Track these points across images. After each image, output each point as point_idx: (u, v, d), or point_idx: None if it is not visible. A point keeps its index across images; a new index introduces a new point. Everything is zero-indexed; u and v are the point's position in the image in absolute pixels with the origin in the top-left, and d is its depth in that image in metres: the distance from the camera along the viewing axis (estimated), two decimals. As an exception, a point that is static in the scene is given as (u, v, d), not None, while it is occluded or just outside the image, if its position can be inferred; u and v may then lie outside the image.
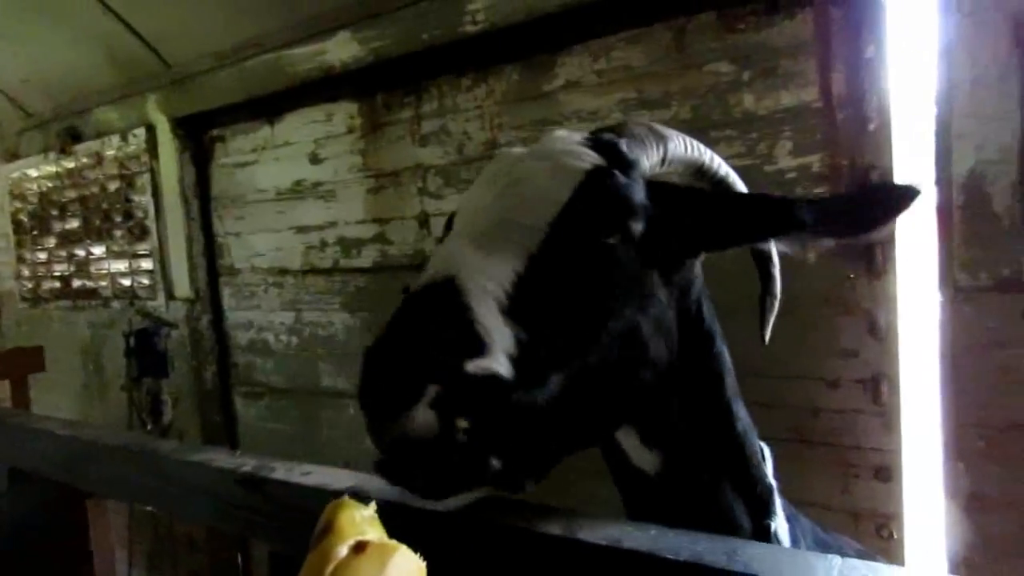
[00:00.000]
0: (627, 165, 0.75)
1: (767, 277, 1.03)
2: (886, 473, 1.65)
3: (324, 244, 2.77)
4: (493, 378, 0.58)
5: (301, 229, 2.85)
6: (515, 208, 0.70)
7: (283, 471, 0.76)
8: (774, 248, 1.01)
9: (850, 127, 1.63)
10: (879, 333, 1.63)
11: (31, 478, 1.21)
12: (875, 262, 1.62)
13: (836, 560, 0.54)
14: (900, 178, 0.77)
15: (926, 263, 1.53)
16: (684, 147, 0.85)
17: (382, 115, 2.55)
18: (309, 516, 0.74)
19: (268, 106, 2.83)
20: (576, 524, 0.64)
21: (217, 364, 3.21)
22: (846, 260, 1.65)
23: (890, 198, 0.75)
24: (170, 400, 3.32)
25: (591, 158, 0.74)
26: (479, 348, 0.59)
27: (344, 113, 2.65)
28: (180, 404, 3.30)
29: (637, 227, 0.73)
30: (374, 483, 0.70)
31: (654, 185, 0.79)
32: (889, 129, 1.58)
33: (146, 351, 3.27)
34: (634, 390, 0.76)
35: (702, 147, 0.89)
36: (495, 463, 0.61)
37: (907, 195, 0.75)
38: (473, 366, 0.57)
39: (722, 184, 0.91)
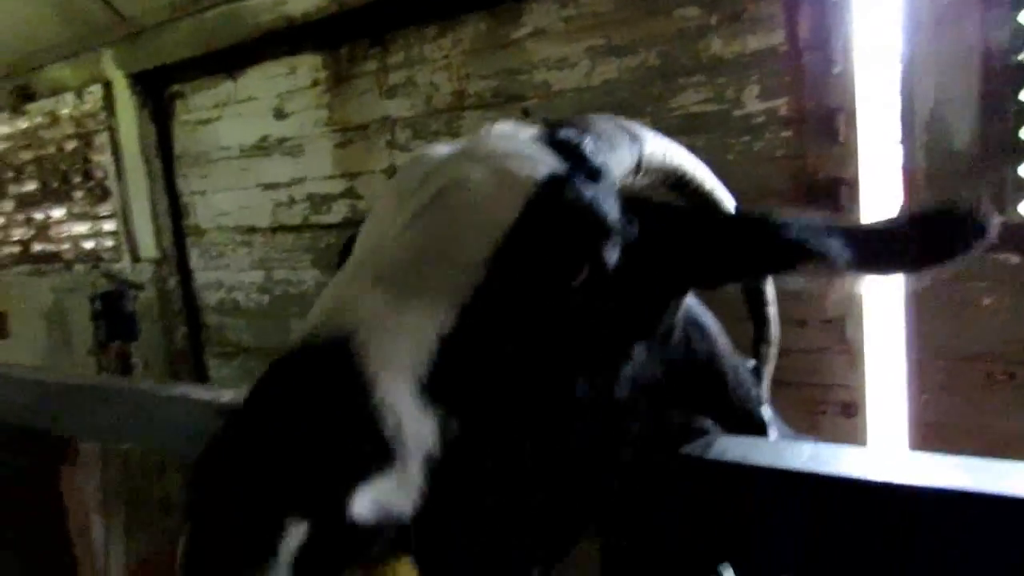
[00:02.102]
0: (594, 172, 0.55)
1: (761, 321, 0.82)
2: (852, 408, 1.70)
3: (292, 201, 2.74)
4: (391, 521, 0.39)
5: (268, 186, 2.80)
6: (441, 235, 0.49)
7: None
8: (771, 286, 0.83)
9: (816, 70, 1.64)
10: (844, 273, 1.67)
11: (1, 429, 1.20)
12: (840, 202, 1.65)
13: (807, 446, 0.56)
14: (966, 207, 0.56)
15: (889, 201, 1.57)
16: (663, 151, 0.65)
17: (347, 68, 2.50)
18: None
19: (229, 60, 2.76)
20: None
21: (187, 325, 3.17)
22: (811, 202, 1.67)
23: (951, 234, 0.56)
24: (140, 363, 3.28)
25: (546, 162, 0.54)
26: (379, 457, 0.39)
27: (308, 66, 2.59)
28: (150, 367, 3.26)
29: (611, 257, 0.53)
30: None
31: (628, 200, 0.58)
32: (854, 71, 1.59)
33: (113, 314, 3.22)
34: (608, 475, 0.58)
35: (683, 151, 0.68)
36: None
37: (973, 232, 0.56)
38: (363, 499, 0.37)
39: (706, 199, 0.71)
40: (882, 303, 1.63)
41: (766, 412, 0.77)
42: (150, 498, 3.67)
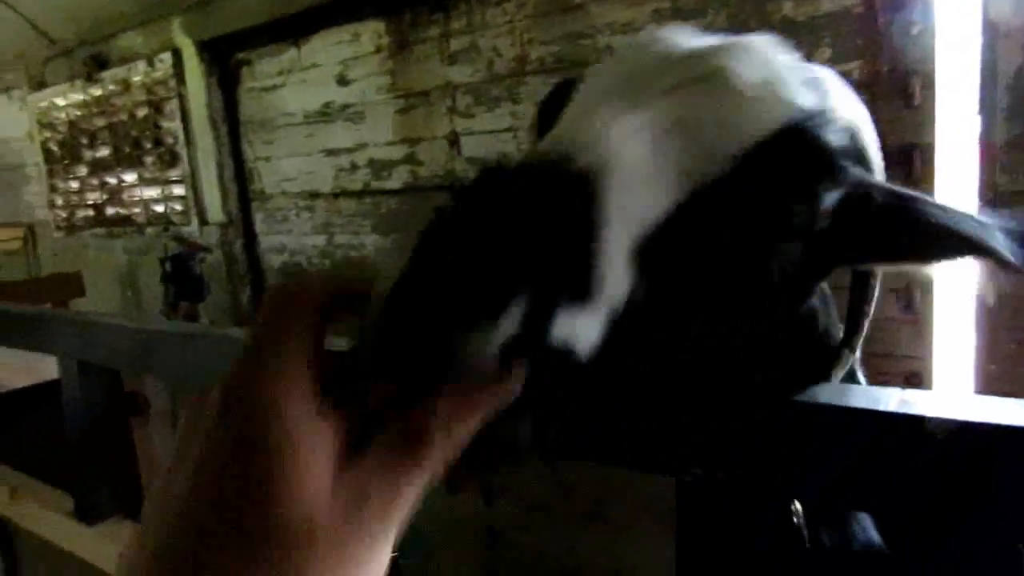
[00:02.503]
0: (834, 120, 0.51)
1: (859, 314, 0.75)
2: (917, 380, 1.68)
3: (354, 167, 2.79)
4: (569, 354, 0.39)
5: (331, 152, 2.86)
6: (700, 113, 0.48)
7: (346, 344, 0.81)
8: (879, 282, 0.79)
9: (893, 32, 1.60)
10: (914, 241, 1.64)
11: (97, 371, 1.28)
12: (914, 169, 1.61)
13: (896, 391, 0.57)
14: None
15: (965, 168, 1.53)
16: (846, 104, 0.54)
17: (410, 34, 2.52)
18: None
19: (293, 27, 2.81)
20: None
21: (251, 287, 3.28)
22: (884, 169, 1.64)
23: None
24: (207, 322, 3.41)
25: (809, 96, 0.51)
26: (584, 288, 0.39)
27: (371, 32, 2.62)
28: (217, 326, 3.39)
29: (828, 204, 0.51)
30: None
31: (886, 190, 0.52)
32: (933, 33, 1.55)
33: (182, 276, 3.35)
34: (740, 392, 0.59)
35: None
36: (553, 434, 0.44)
37: None
38: (562, 322, 0.37)
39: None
40: (952, 272, 1.60)
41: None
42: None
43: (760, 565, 0.75)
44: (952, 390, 1.62)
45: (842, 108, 0.52)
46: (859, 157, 0.59)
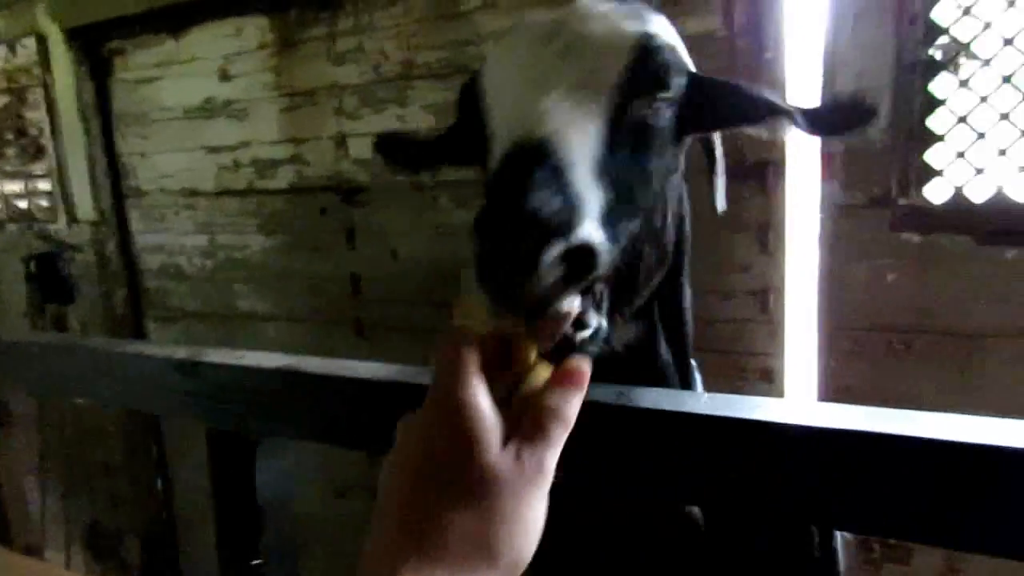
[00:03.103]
0: (662, 41, 0.83)
1: (713, 160, 1.14)
2: (770, 375, 1.83)
3: (238, 165, 2.72)
4: (593, 247, 0.60)
5: (212, 149, 2.78)
6: (582, 74, 0.73)
7: (217, 355, 0.81)
8: (718, 139, 1.14)
9: (749, 55, 1.73)
10: (768, 248, 1.78)
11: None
12: (767, 183, 1.76)
13: (705, 396, 0.65)
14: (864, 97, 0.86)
15: (810, 183, 1.68)
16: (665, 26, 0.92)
17: (296, 31, 2.49)
18: (245, 394, 0.81)
19: (171, 19, 2.71)
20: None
21: (127, 289, 3.13)
22: (740, 180, 1.78)
23: (856, 111, 0.83)
24: (78, 326, 3.23)
25: (636, 23, 0.81)
26: (581, 214, 0.60)
27: (255, 28, 2.57)
28: (88, 330, 3.21)
29: (680, 89, 0.81)
30: (309, 363, 0.77)
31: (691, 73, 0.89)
32: (783, 57, 1.69)
33: (49, 276, 3.16)
34: (663, 249, 0.89)
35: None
36: (595, 321, 0.68)
37: (868, 111, 0.83)
38: (579, 233, 0.59)
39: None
40: (801, 279, 1.76)
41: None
42: (90, 460, 3.64)
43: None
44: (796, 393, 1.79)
45: (664, 32, 0.86)
46: (681, 64, 0.91)
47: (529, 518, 0.47)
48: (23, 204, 3.29)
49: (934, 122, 1.52)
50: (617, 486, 0.69)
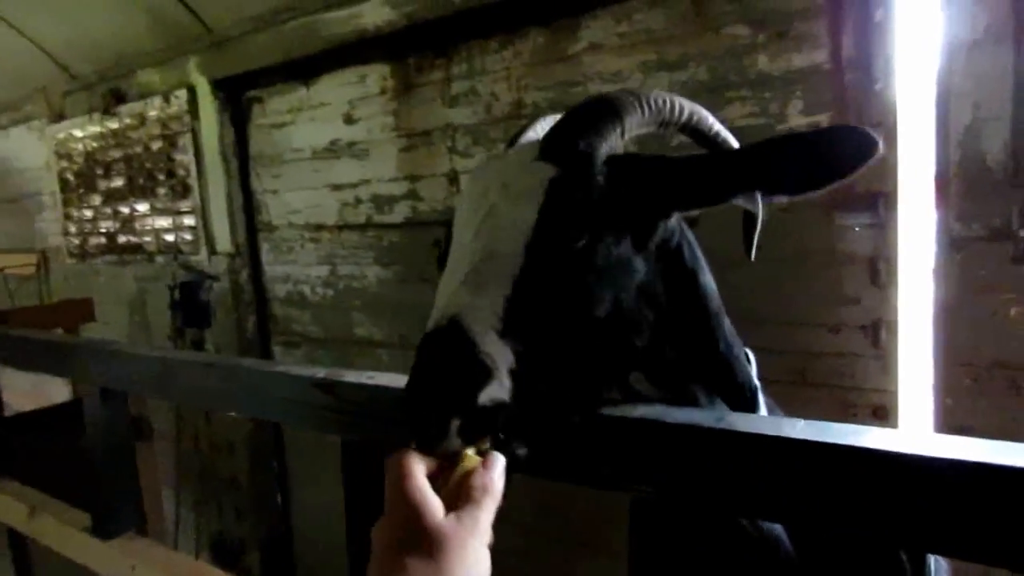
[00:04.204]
0: (582, 161, 0.79)
1: (752, 214, 1.00)
2: (883, 412, 1.78)
3: (358, 201, 2.92)
4: (500, 404, 0.69)
5: (336, 187, 3.00)
6: (495, 240, 0.77)
7: (352, 376, 0.92)
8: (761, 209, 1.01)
9: (858, 87, 1.73)
10: (880, 281, 1.75)
11: (117, 396, 1.38)
12: (878, 215, 1.73)
13: (800, 422, 0.68)
14: (858, 126, 0.73)
15: (924, 215, 1.65)
16: (642, 111, 0.84)
17: (413, 77, 2.67)
18: (377, 409, 0.90)
19: (304, 68, 2.96)
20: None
21: (256, 315, 3.40)
22: (850, 212, 1.76)
23: (851, 146, 0.72)
24: (213, 349, 3.52)
25: (545, 171, 0.79)
26: (486, 376, 0.69)
27: (377, 75, 2.77)
28: (222, 352, 3.50)
29: (602, 220, 0.77)
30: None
31: (617, 160, 0.81)
32: (894, 89, 1.67)
33: (190, 303, 3.47)
34: (631, 350, 0.84)
35: (665, 97, 0.87)
36: (520, 450, 0.75)
37: (866, 144, 0.72)
38: (483, 396, 0.68)
39: (690, 124, 0.90)
40: (916, 313, 1.71)
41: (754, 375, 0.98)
42: (219, 475, 3.93)
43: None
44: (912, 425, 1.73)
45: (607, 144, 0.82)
46: (666, 124, 0.87)
47: (472, 563, 0.62)
48: (171, 238, 3.64)
49: (1058, 152, 1.46)
50: (717, 507, 0.73)
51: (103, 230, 4.06)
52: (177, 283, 3.51)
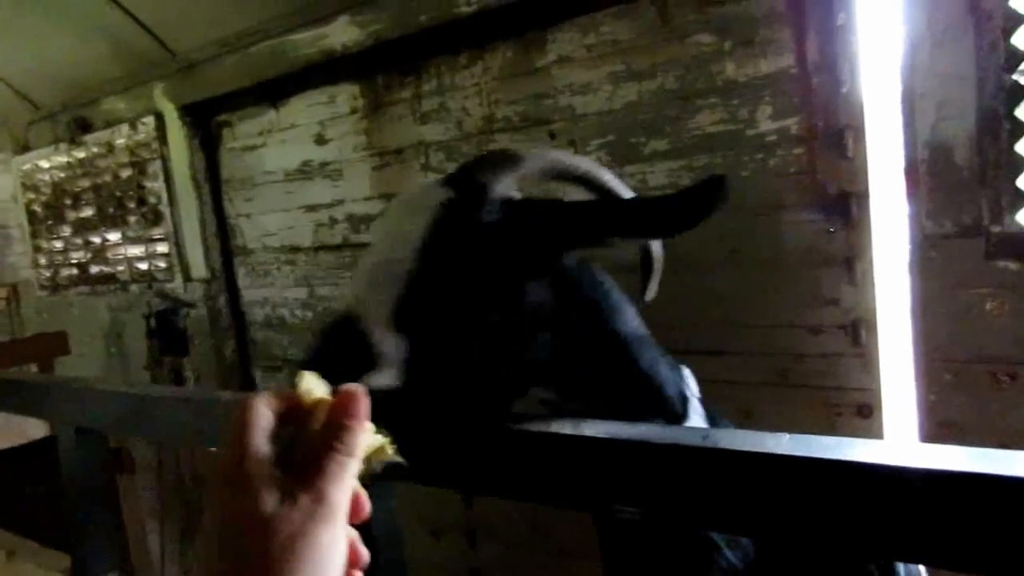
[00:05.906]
0: (476, 188, 0.88)
1: (648, 257, 1.11)
2: (867, 410, 1.79)
3: (333, 221, 2.90)
4: (385, 388, 0.75)
5: (310, 208, 2.97)
6: (392, 247, 0.86)
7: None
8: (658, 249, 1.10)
9: (825, 90, 1.74)
10: (857, 281, 1.76)
11: (92, 435, 1.35)
12: (851, 215, 1.74)
13: (785, 437, 0.68)
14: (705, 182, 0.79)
15: (897, 214, 1.66)
16: (540, 162, 0.94)
17: (383, 95, 2.66)
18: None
19: (273, 91, 2.94)
20: (582, 424, 0.79)
21: (236, 340, 3.35)
22: (824, 214, 1.77)
23: (704, 195, 0.79)
24: (192, 376, 3.47)
25: (442, 193, 0.88)
26: (371, 360, 0.77)
27: (347, 95, 2.76)
28: (202, 380, 3.45)
29: (490, 247, 0.85)
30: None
31: (512, 201, 0.90)
32: (860, 91, 1.69)
33: (166, 331, 3.42)
34: (531, 364, 0.91)
35: (566, 157, 0.99)
36: (405, 450, 0.73)
37: (715, 197, 0.78)
38: (369, 379, 0.74)
39: (603, 189, 0.99)
40: (893, 309, 1.72)
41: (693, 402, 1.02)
42: (204, 505, 3.86)
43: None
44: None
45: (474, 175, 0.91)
46: (562, 175, 0.97)
47: (311, 549, 0.50)
48: (144, 266, 3.59)
49: (1023, 147, 1.48)
50: (700, 524, 0.72)
51: (74, 261, 3.99)
52: (153, 312, 3.46)
